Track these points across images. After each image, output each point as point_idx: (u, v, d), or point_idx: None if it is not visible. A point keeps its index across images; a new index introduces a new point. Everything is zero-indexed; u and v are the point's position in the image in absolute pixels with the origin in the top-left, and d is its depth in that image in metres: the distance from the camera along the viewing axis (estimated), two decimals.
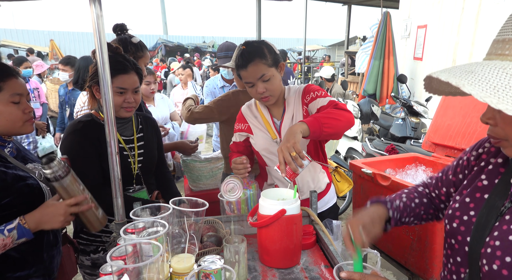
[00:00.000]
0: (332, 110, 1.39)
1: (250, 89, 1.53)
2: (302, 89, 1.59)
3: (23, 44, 14.80)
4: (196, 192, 2.49)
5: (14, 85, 1.21)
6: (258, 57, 1.45)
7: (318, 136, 1.34)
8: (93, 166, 1.46)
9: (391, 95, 5.23)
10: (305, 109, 1.56)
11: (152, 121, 1.74)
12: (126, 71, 1.48)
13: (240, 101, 2.01)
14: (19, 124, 1.23)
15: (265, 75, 1.46)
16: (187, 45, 19.67)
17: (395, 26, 6.58)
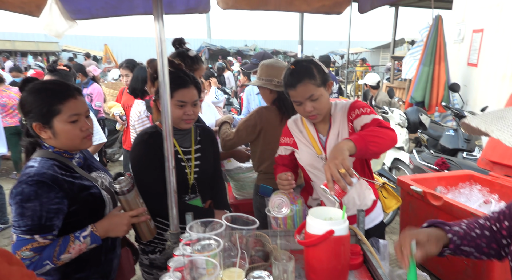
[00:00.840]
0: (376, 129, 1.39)
1: (297, 107, 1.56)
2: (348, 106, 1.60)
3: (81, 49, 15.96)
4: (241, 200, 2.56)
5: (72, 105, 1.27)
6: (307, 77, 1.48)
7: (363, 155, 1.35)
8: (156, 176, 1.56)
9: (441, 104, 4.96)
10: (351, 126, 1.57)
11: (210, 132, 1.84)
12: (186, 85, 1.58)
13: (265, 118, 2.07)
14: (78, 142, 1.32)
15: (313, 95, 1.48)
16: (230, 49, 20.05)
17: (447, 29, 6.24)
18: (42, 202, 1.17)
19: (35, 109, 1.24)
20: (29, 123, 1.26)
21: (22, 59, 14.26)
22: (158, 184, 1.56)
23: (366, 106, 1.57)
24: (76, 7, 2.10)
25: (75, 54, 15.96)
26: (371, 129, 1.39)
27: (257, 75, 2.17)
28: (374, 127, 1.42)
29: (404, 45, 14.68)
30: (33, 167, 1.22)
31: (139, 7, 2.21)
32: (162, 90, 1.28)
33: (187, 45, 2.26)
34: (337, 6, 2.13)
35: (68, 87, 1.31)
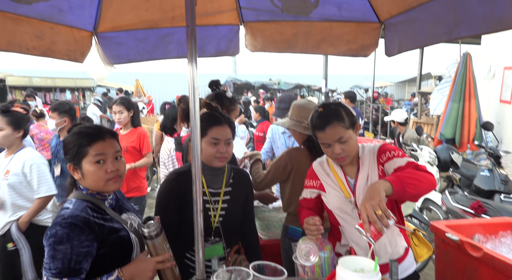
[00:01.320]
0: (414, 171, 1.36)
1: (326, 150, 1.55)
2: (377, 148, 1.58)
3: (114, 84, 16.91)
4: (266, 241, 2.50)
5: (99, 147, 1.30)
6: (336, 120, 1.49)
7: (400, 197, 1.32)
8: (170, 218, 1.58)
9: (474, 143, 4.78)
10: (381, 169, 1.54)
11: (245, 177, 1.80)
12: (220, 123, 1.62)
13: (295, 159, 2.07)
14: (102, 184, 1.32)
15: (342, 137, 1.49)
16: (254, 83, 20.56)
17: (476, 66, 6.15)
18: (73, 245, 1.19)
19: (70, 151, 1.32)
20: (66, 164, 1.33)
21: (60, 94, 15.26)
22: (172, 226, 1.56)
23: (397, 149, 1.55)
24: (116, 53, 2.27)
25: (109, 89, 16.91)
26: (409, 171, 1.36)
27: (289, 115, 2.18)
28: (411, 169, 1.39)
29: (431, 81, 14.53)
30: (68, 208, 1.26)
31: (173, 52, 2.36)
32: (193, 131, 1.32)
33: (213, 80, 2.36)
34: (363, 49, 2.18)
35: (99, 130, 1.35)
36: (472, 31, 1.47)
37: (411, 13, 1.79)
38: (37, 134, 4.83)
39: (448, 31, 1.57)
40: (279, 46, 2.39)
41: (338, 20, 2.14)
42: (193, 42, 1.32)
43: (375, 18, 2.05)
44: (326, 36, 2.22)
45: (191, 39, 1.32)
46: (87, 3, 1.91)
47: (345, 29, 2.16)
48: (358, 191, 1.55)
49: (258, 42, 2.42)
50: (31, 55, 1.87)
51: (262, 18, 2.33)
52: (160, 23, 2.23)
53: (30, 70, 17.06)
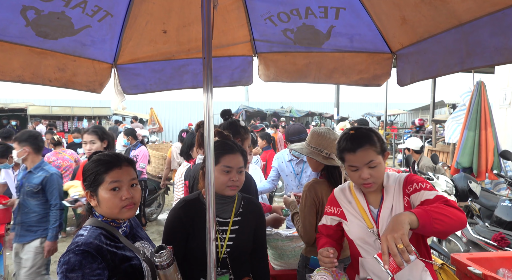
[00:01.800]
0: (442, 206, 1.30)
1: (352, 173, 1.50)
2: (403, 178, 1.53)
3: (129, 112, 17.37)
4: (279, 271, 2.43)
5: (114, 174, 1.32)
6: (369, 144, 1.46)
7: (425, 232, 1.27)
8: (176, 247, 1.52)
9: (493, 172, 4.65)
10: (407, 200, 1.48)
11: (255, 206, 1.76)
12: (232, 151, 1.62)
13: (319, 192, 1.98)
14: (116, 211, 1.33)
15: (373, 161, 1.45)
16: (266, 111, 20.79)
17: (491, 94, 6.10)
18: (85, 273, 1.18)
19: (88, 178, 1.35)
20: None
21: (78, 122, 15.74)
22: (178, 256, 1.53)
23: (425, 181, 1.49)
24: (134, 83, 2.35)
25: (124, 117, 17.37)
26: (437, 206, 1.30)
27: (306, 142, 2.10)
28: (440, 204, 1.32)
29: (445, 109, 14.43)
30: (82, 235, 1.27)
31: (188, 82, 2.43)
32: (207, 159, 1.33)
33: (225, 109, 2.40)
34: (376, 79, 2.20)
35: (117, 158, 1.38)
36: (485, 62, 1.48)
37: (423, 44, 1.82)
38: (54, 161, 4.94)
39: (461, 62, 1.58)
40: (291, 76, 2.44)
41: (350, 51, 2.19)
42: (209, 73, 1.36)
43: (387, 49, 2.09)
44: (338, 66, 2.26)
45: (207, 70, 1.36)
46: (108, 38, 2.02)
47: (357, 59, 2.20)
48: (382, 222, 1.49)
49: (271, 72, 2.48)
50: (52, 87, 1.96)
51: (275, 49, 2.40)
52: (176, 55, 2.32)
53: (50, 100, 17.75)
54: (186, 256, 1.59)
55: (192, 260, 1.56)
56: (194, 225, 1.60)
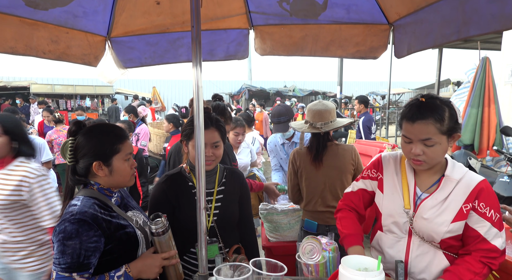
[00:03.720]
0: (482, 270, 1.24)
1: (404, 145, 1.33)
2: (476, 182, 1.30)
3: (132, 91, 17.35)
4: (274, 243, 2.49)
5: (128, 145, 1.42)
6: (433, 118, 1.24)
7: None
8: None
9: (493, 149, 4.64)
10: (468, 208, 1.29)
11: (238, 176, 1.80)
12: (206, 127, 1.60)
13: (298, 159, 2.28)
14: (128, 178, 1.42)
15: (431, 139, 1.25)
16: (269, 90, 20.64)
17: (497, 71, 5.99)
18: (82, 240, 1.22)
19: (98, 149, 1.35)
20: (87, 163, 1.35)
21: (81, 101, 15.76)
22: None
23: (498, 210, 1.28)
24: (128, 57, 2.34)
25: (127, 96, 17.35)
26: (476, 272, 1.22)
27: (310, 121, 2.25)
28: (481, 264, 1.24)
29: (450, 87, 14.21)
30: (76, 205, 1.30)
31: (183, 56, 2.41)
32: (197, 132, 1.34)
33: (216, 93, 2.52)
34: (372, 51, 2.16)
35: (123, 130, 1.47)
36: (481, 30, 1.45)
37: (419, 14, 1.78)
38: (56, 139, 4.99)
39: (457, 31, 1.55)
40: (288, 49, 2.41)
41: (347, 22, 2.15)
42: (198, 46, 1.35)
43: (384, 19, 2.05)
44: (335, 39, 2.22)
45: (196, 43, 1.34)
46: (100, 9, 1.99)
47: (354, 31, 2.15)
48: (423, 208, 1.34)
49: (268, 45, 2.45)
50: (47, 59, 1.95)
51: (271, 21, 2.36)
52: (171, 27, 2.29)
53: (52, 79, 17.72)
54: (174, 229, 1.63)
55: (180, 233, 1.60)
56: (179, 198, 1.64)
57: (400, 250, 1.42)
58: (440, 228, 1.31)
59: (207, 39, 2.42)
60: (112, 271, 1.28)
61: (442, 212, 1.32)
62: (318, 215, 2.19)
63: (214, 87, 21.63)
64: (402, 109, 1.36)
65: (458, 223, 1.30)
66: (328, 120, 2.16)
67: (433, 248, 1.36)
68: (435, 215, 1.32)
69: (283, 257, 2.24)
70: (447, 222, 1.30)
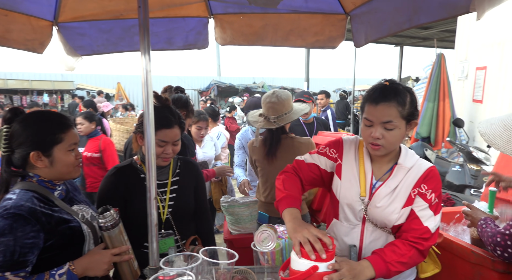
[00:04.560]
0: (408, 252, 1.26)
1: (364, 128, 1.32)
2: (425, 169, 1.33)
3: (94, 87, 16.60)
4: (235, 236, 2.45)
5: (72, 135, 1.32)
6: (396, 101, 1.25)
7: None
8: None
9: (447, 140, 4.89)
10: (413, 195, 1.32)
11: (193, 166, 1.76)
12: (169, 126, 1.55)
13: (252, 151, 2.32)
14: (71, 169, 1.33)
15: (392, 122, 1.25)
16: (238, 86, 20.55)
17: (451, 67, 6.31)
18: (17, 237, 1.12)
19: (36, 138, 1.24)
20: (23, 153, 1.24)
21: (38, 97, 14.85)
22: None
23: (439, 196, 1.33)
24: (79, 44, 2.20)
25: (89, 92, 16.59)
26: (402, 254, 1.25)
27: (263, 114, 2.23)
28: (409, 245, 1.26)
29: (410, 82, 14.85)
30: (11, 199, 1.19)
31: (139, 44, 2.30)
32: (146, 118, 1.28)
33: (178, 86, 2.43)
34: (331, 40, 2.18)
35: (67, 118, 1.35)
36: (430, 18, 1.49)
37: (373, 3, 1.81)
38: None
39: (409, 19, 1.59)
40: (248, 38, 2.37)
41: (305, 11, 2.14)
42: (146, 33, 1.29)
43: (340, 9, 2.06)
44: (294, 28, 2.22)
45: (144, 30, 1.28)
46: None
47: (313, 21, 2.16)
48: (377, 197, 1.35)
49: (228, 35, 2.40)
50: None
51: (231, 10, 2.31)
52: (125, 13, 2.18)
53: (5, 73, 16.56)
54: (126, 223, 1.56)
55: (134, 227, 1.52)
56: (130, 190, 1.57)
57: (354, 237, 1.43)
58: (392, 215, 1.33)
59: (164, 27, 2.34)
60: (54, 269, 1.19)
61: (394, 200, 1.34)
62: (271, 206, 2.19)
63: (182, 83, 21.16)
64: (365, 94, 1.36)
65: (407, 208, 1.33)
66: (282, 112, 2.14)
67: (385, 233, 1.39)
68: (388, 203, 1.34)
69: (244, 249, 2.20)
70: (397, 209, 1.33)
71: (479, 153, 3.83)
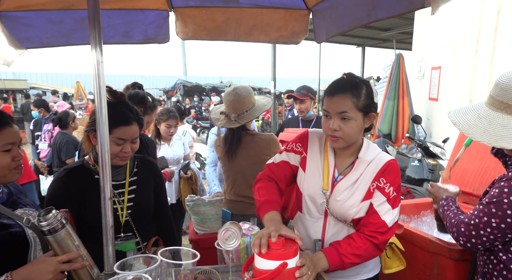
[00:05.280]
0: (363, 245, 1.27)
1: (324, 120, 1.34)
2: (384, 161, 1.35)
3: (50, 86, 15.69)
4: (201, 236, 2.39)
5: (8, 134, 1.20)
6: (351, 92, 1.28)
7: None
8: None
9: (406, 136, 5.12)
10: (372, 189, 1.33)
11: (151, 164, 1.68)
12: (128, 123, 1.46)
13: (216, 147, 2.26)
14: (6, 172, 1.20)
15: (347, 113, 1.27)
16: (205, 85, 20.32)
17: (409, 67, 6.61)
18: None
19: None
20: None
21: None
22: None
23: (399, 190, 1.34)
24: (25, 36, 2.03)
25: (44, 91, 15.62)
26: (357, 247, 1.26)
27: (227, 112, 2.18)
28: (365, 238, 1.27)
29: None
30: None
31: None
32: (98, 115, 1.20)
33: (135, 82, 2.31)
34: (294, 36, 2.17)
35: (2, 116, 1.21)
36: (388, 13, 1.52)
37: None
38: None
39: (368, 14, 1.61)
40: (211, 33, 2.31)
41: (268, 6, 2.12)
42: (96, 24, 1.20)
43: (303, 4, 2.06)
44: (257, 23, 2.19)
45: (94, 22, 1.19)
46: None
47: (275, 16, 2.14)
48: (337, 190, 1.37)
49: (189, 29, 2.32)
50: None
51: (192, 3, 2.23)
52: (77, 4, 2.03)
53: None
54: (83, 228, 1.44)
55: (91, 231, 1.41)
56: (84, 193, 1.45)
57: (317, 230, 1.43)
58: (351, 209, 1.33)
59: (121, 20, 2.21)
60: None
61: (353, 193, 1.34)
62: (233, 204, 2.17)
63: (147, 83, 20.59)
64: (326, 88, 1.39)
65: (366, 201, 1.33)
66: (243, 110, 2.11)
67: (346, 227, 1.39)
68: (347, 197, 1.34)
69: (210, 249, 2.15)
70: (357, 203, 1.33)
71: (435, 148, 4.02)
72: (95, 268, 1.24)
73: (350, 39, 11.65)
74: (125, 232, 1.50)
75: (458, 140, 2.16)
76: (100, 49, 1.23)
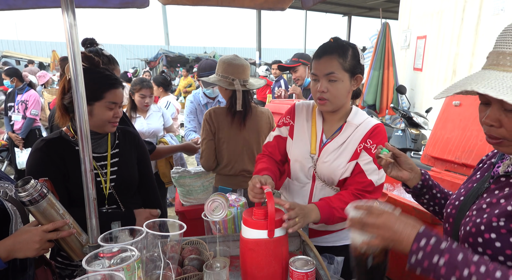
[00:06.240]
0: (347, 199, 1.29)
1: (313, 83, 1.37)
2: (372, 125, 1.38)
3: (25, 55, 14.90)
4: (187, 207, 2.40)
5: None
6: (337, 54, 1.31)
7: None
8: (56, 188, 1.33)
9: (390, 106, 5.16)
10: (359, 150, 1.37)
11: (132, 135, 1.63)
12: (117, 85, 1.43)
13: (215, 119, 2.01)
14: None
15: (334, 74, 1.30)
16: (188, 56, 19.74)
17: (395, 37, 6.55)
18: None
19: None
20: None
21: None
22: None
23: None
24: None
25: (18, 60, 14.85)
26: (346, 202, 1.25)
27: (216, 71, 2.05)
28: (355, 192, 1.31)
29: None
30: None
31: None
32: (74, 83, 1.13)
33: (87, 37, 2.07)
34: (280, 2, 2.07)
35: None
36: None
37: None
38: None
39: None
40: None
41: None
42: None
43: None
44: None
45: None
46: None
47: None
48: (325, 152, 1.40)
49: None
50: None
51: None
52: None
53: None
54: (69, 200, 1.40)
55: (77, 204, 1.38)
56: (67, 164, 1.40)
57: (304, 195, 1.47)
58: (338, 170, 1.37)
59: None
60: None
61: (340, 154, 1.38)
62: (233, 179, 2.07)
63: (127, 53, 19.82)
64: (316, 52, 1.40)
65: (352, 162, 1.37)
66: (247, 77, 2.05)
67: (333, 191, 1.43)
68: (334, 158, 1.38)
69: (197, 221, 2.16)
70: (343, 163, 1.37)
71: (418, 118, 4.08)
72: (83, 235, 1.23)
73: (336, 8, 11.40)
74: (109, 204, 1.48)
75: (441, 111, 2.18)
76: (72, 11, 1.14)
